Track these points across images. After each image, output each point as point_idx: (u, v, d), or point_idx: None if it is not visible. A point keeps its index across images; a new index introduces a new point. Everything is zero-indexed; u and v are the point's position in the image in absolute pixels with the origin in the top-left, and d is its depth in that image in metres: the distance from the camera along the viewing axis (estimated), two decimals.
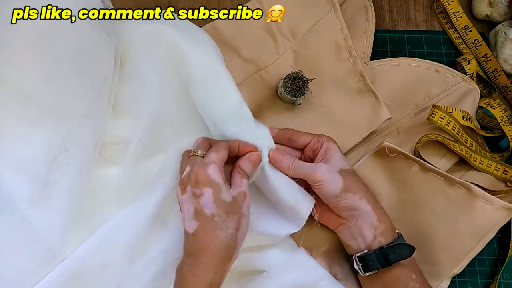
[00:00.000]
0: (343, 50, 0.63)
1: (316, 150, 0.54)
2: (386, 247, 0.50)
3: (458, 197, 0.56)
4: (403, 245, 0.50)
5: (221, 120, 0.55)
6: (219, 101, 0.56)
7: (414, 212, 0.57)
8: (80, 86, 0.53)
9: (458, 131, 0.59)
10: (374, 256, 0.50)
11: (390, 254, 0.50)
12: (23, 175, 0.51)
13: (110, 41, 0.55)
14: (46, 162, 0.51)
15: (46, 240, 0.50)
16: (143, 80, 0.57)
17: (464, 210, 0.56)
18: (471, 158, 0.59)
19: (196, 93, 0.56)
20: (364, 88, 0.61)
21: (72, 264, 0.50)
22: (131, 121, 0.57)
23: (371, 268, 0.51)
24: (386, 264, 0.50)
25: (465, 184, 0.56)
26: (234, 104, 0.55)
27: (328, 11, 0.63)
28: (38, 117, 0.52)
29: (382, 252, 0.50)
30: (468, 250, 0.55)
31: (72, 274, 0.50)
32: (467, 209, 0.56)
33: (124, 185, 0.55)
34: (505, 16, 0.68)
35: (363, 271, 0.51)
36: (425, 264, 0.54)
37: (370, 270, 0.51)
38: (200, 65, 0.56)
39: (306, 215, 0.53)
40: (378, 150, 0.58)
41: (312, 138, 0.55)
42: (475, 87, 0.63)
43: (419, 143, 0.58)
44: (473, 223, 0.56)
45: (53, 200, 0.50)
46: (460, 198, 0.56)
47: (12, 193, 0.50)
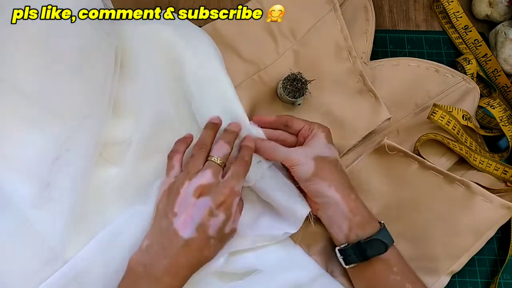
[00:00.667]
0: (343, 50, 0.63)
1: (306, 136, 0.56)
2: (363, 242, 0.51)
3: (457, 194, 0.57)
4: (379, 241, 0.51)
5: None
6: (215, 104, 0.56)
7: (413, 209, 0.57)
8: (81, 86, 0.53)
9: (458, 131, 0.59)
10: (351, 250, 0.51)
11: (367, 249, 0.50)
12: (24, 176, 0.51)
13: (110, 41, 0.55)
14: (47, 163, 0.51)
15: (48, 240, 0.50)
16: (143, 81, 0.57)
17: (463, 208, 0.56)
18: (471, 157, 0.59)
19: (192, 96, 0.57)
20: (364, 88, 0.61)
21: (74, 266, 0.50)
22: (132, 122, 0.57)
23: (351, 261, 0.52)
24: (364, 258, 0.51)
25: (465, 182, 0.56)
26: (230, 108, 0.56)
27: (328, 11, 0.63)
28: (39, 118, 0.52)
29: (359, 247, 0.51)
30: (467, 247, 0.56)
31: (74, 276, 0.50)
32: (466, 207, 0.56)
33: (124, 186, 0.55)
34: (505, 16, 0.68)
35: (345, 264, 0.53)
36: (422, 260, 0.55)
37: (350, 263, 0.52)
38: (198, 67, 0.56)
39: (303, 216, 0.54)
40: (378, 148, 0.58)
41: (305, 125, 0.56)
42: (475, 87, 0.63)
43: (418, 142, 0.58)
44: (472, 221, 0.56)
45: (54, 201, 0.50)
46: (459, 195, 0.56)
47: (14, 194, 0.50)
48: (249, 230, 0.55)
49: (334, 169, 0.54)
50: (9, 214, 0.50)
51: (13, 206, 0.50)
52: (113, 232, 0.52)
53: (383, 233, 0.51)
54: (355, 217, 0.52)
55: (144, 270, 0.47)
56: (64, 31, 0.51)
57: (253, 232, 0.55)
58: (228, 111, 0.56)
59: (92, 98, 0.54)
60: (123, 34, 0.57)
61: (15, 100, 0.51)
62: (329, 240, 0.57)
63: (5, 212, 0.50)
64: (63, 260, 0.51)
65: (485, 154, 0.61)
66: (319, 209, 0.54)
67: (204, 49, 0.58)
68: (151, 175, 0.55)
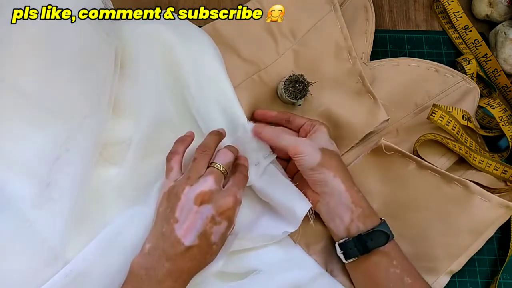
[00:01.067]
0: (343, 50, 0.63)
1: (308, 132, 0.56)
2: (364, 234, 0.51)
3: (455, 194, 0.56)
4: (381, 232, 0.51)
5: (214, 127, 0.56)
6: (214, 104, 0.56)
7: (411, 209, 0.57)
8: (81, 86, 0.53)
9: (458, 131, 0.59)
10: (352, 243, 0.52)
11: (368, 241, 0.51)
12: (24, 176, 0.51)
13: (110, 41, 0.55)
14: (48, 163, 0.51)
15: (48, 240, 0.50)
16: (143, 81, 0.57)
17: (461, 207, 0.56)
18: (470, 157, 0.59)
19: (192, 96, 0.57)
20: (362, 89, 0.61)
21: (75, 267, 0.50)
22: (132, 122, 0.57)
23: (351, 255, 0.52)
24: (364, 251, 0.51)
25: (462, 181, 0.56)
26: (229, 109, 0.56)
27: (328, 11, 0.63)
28: (39, 118, 0.52)
29: (360, 239, 0.51)
30: (465, 246, 0.56)
31: (75, 277, 0.49)
32: (464, 206, 0.56)
33: (124, 186, 0.55)
34: (505, 16, 0.68)
35: (345, 258, 0.53)
36: (421, 259, 0.55)
37: (351, 257, 0.52)
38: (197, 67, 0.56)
39: (303, 214, 0.53)
40: (375, 149, 0.58)
41: (306, 121, 0.57)
42: (475, 87, 0.63)
43: (417, 142, 0.58)
44: (470, 220, 0.56)
45: (54, 201, 0.50)
46: (457, 194, 0.56)
47: (14, 193, 0.50)
48: (248, 230, 0.55)
49: (339, 161, 0.55)
50: (9, 214, 0.50)
51: (13, 206, 0.50)
52: (113, 232, 0.52)
53: (384, 226, 0.52)
54: (357, 209, 0.52)
55: (146, 273, 0.47)
56: (64, 31, 0.51)
57: (253, 232, 0.55)
58: (228, 111, 0.56)
59: (92, 98, 0.54)
60: (123, 34, 0.57)
61: (15, 100, 0.51)
62: (329, 239, 0.57)
63: (5, 212, 0.50)
64: (63, 260, 0.50)
65: (485, 154, 0.61)
66: (320, 201, 0.55)
67: (203, 49, 0.58)
68: (151, 175, 0.55)
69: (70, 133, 0.52)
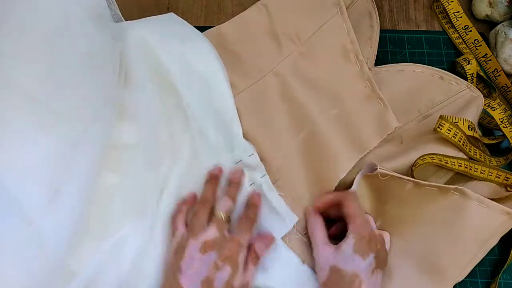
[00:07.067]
0: (350, 53, 0.61)
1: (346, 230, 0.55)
2: None
3: (453, 202, 0.55)
4: None
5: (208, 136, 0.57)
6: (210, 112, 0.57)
7: (413, 225, 0.56)
8: (87, 89, 0.52)
9: (463, 142, 0.58)
10: None
11: None
12: (31, 181, 0.50)
13: (115, 44, 0.54)
14: (55, 167, 0.50)
15: (54, 246, 0.49)
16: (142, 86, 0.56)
17: (460, 215, 0.54)
18: (471, 170, 0.58)
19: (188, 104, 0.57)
20: (372, 95, 0.60)
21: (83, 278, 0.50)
22: (134, 128, 0.56)
23: None
24: None
25: (458, 188, 0.54)
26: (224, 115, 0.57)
27: (334, 14, 0.62)
28: (46, 122, 0.51)
29: None
30: (471, 256, 0.54)
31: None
32: (462, 213, 0.54)
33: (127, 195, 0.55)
34: (505, 16, 0.68)
35: None
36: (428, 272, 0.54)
37: None
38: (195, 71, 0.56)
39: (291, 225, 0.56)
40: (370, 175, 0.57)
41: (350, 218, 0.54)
42: (479, 95, 0.62)
43: (414, 166, 0.57)
44: (472, 228, 0.54)
45: (61, 206, 0.50)
46: (455, 203, 0.54)
47: (20, 198, 0.49)
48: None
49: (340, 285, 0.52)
50: (15, 219, 0.49)
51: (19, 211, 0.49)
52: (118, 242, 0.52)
53: None
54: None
55: None
56: (71, 35, 0.50)
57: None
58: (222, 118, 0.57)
59: (98, 102, 0.53)
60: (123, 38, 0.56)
61: (23, 104, 0.50)
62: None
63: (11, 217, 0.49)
64: (68, 268, 0.50)
65: (485, 163, 0.60)
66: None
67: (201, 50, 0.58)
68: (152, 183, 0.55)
69: (77, 137, 0.51)
